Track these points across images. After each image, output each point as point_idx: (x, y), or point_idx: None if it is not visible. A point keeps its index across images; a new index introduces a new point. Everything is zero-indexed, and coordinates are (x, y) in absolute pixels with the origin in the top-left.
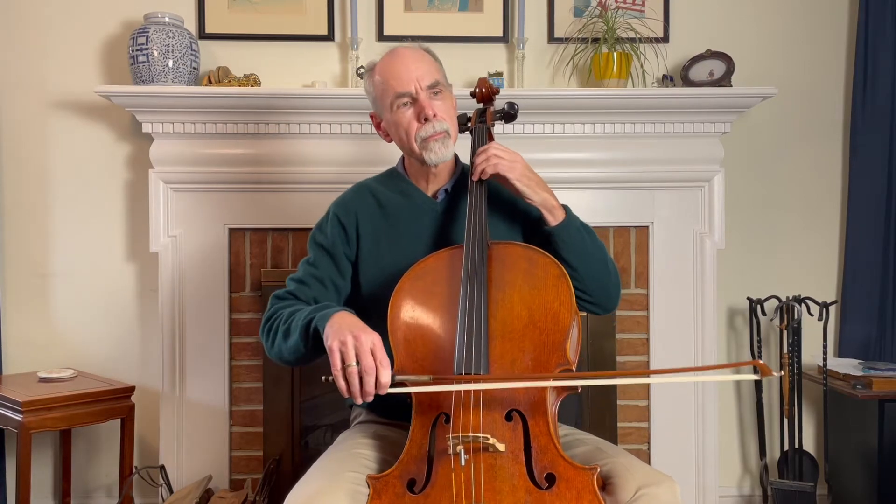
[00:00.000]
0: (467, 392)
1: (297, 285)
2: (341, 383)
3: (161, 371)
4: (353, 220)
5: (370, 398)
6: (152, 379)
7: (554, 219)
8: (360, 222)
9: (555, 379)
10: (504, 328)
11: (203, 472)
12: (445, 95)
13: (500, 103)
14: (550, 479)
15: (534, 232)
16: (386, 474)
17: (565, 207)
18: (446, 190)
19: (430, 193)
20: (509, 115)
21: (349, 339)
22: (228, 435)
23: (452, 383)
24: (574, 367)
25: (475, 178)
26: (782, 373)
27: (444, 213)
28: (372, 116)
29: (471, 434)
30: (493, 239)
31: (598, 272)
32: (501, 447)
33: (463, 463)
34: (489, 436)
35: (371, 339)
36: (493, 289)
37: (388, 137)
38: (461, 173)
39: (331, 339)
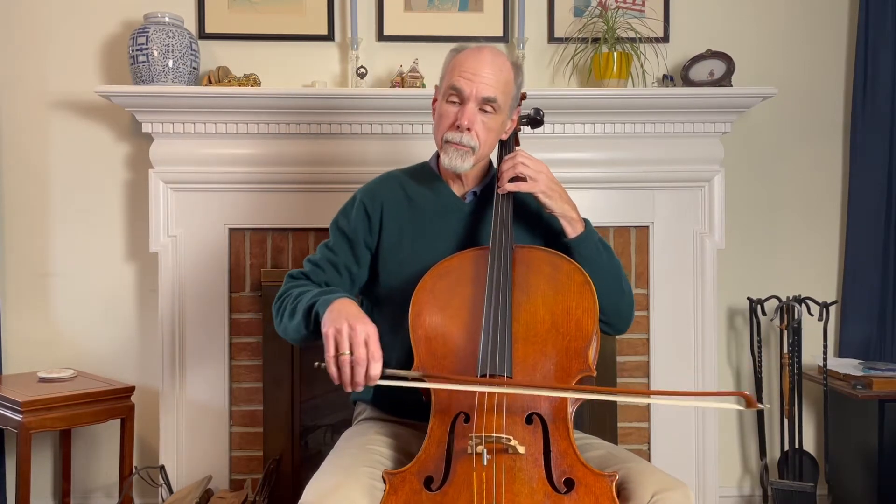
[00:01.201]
0: (490, 393)
1: (312, 267)
2: (333, 370)
3: (161, 371)
4: (378, 209)
5: (360, 388)
6: (152, 379)
7: (573, 231)
8: (384, 212)
9: (544, 389)
10: (527, 331)
11: (203, 472)
12: (496, 117)
13: (526, 108)
14: (569, 483)
15: (554, 244)
16: (403, 470)
17: (586, 221)
18: (475, 192)
19: (459, 194)
20: (536, 120)
21: (345, 328)
22: (228, 435)
23: (445, 382)
24: (595, 374)
25: (501, 190)
26: (768, 405)
27: (471, 215)
28: (436, 89)
29: (493, 434)
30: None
31: (611, 289)
32: (522, 449)
33: (485, 462)
34: (511, 437)
35: (367, 329)
36: (516, 291)
37: (434, 115)
38: (491, 178)
39: (327, 326)
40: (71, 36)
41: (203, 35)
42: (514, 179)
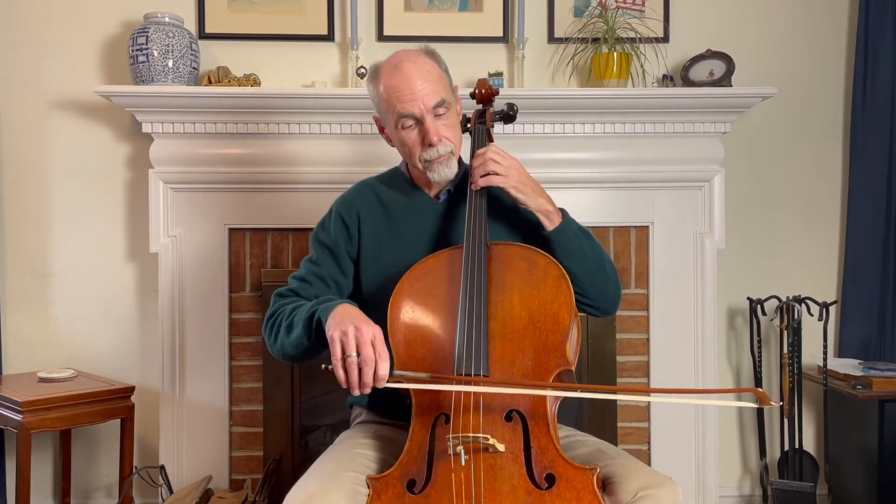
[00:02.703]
0: (467, 393)
1: (300, 283)
2: (340, 373)
3: (161, 371)
4: (355, 218)
5: (367, 390)
6: (152, 379)
7: (551, 223)
8: (361, 220)
9: (553, 388)
10: (504, 328)
11: (203, 472)
12: (451, 112)
13: (499, 104)
14: (550, 479)
15: (533, 236)
16: (385, 475)
17: (563, 212)
18: (449, 191)
19: (432, 194)
20: (508, 116)
21: (351, 330)
22: (228, 435)
23: (451, 383)
24: (574, 368)
25: (475, 187)
26: (782, 403)
27: (446, 214)
28: (376, 120)
29: (471, 434)
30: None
31: (596, 275)
32: (501, 447)
33: (463, 463)
34: (489, 436)
35: (372, 331)
36: (492, 289)
37: (391, 142)
38: (464, 174)
39: (332, 329)
40: (71, 36)
41: (203, 35)
42: (485, 175)
